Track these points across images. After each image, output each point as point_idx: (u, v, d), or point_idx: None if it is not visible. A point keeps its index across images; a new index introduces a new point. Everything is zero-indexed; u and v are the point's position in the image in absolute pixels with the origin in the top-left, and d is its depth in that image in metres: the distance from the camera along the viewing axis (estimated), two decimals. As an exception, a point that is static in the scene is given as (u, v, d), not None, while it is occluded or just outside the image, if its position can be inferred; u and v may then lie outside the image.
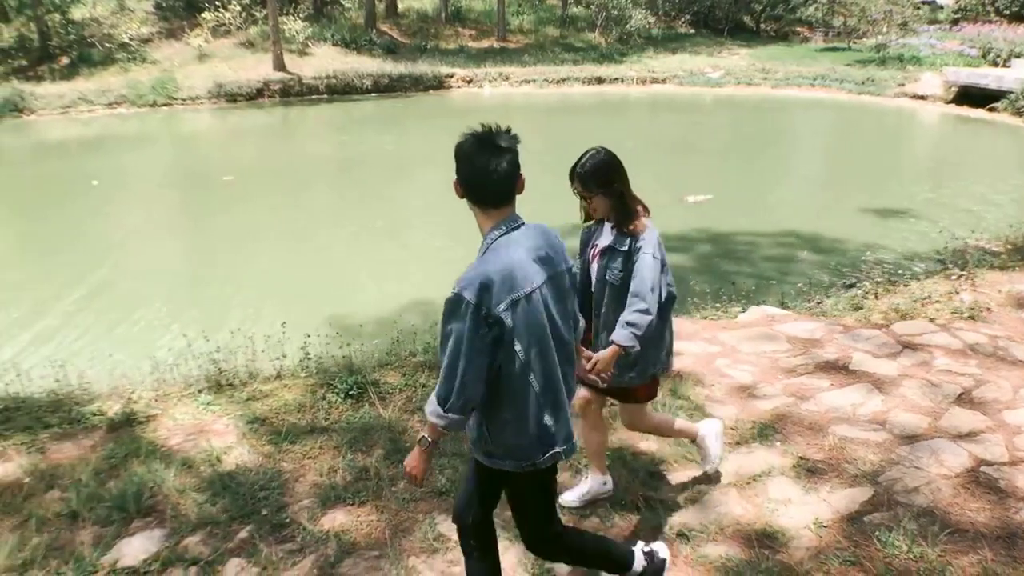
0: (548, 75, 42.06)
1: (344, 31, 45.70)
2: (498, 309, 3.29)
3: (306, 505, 5.14)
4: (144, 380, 7.48)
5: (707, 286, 10.80)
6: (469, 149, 3.39)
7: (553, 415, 3.55)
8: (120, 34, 42.98)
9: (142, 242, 16.81)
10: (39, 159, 27.92)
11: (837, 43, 49.19)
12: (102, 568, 4.59)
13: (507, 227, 3.45)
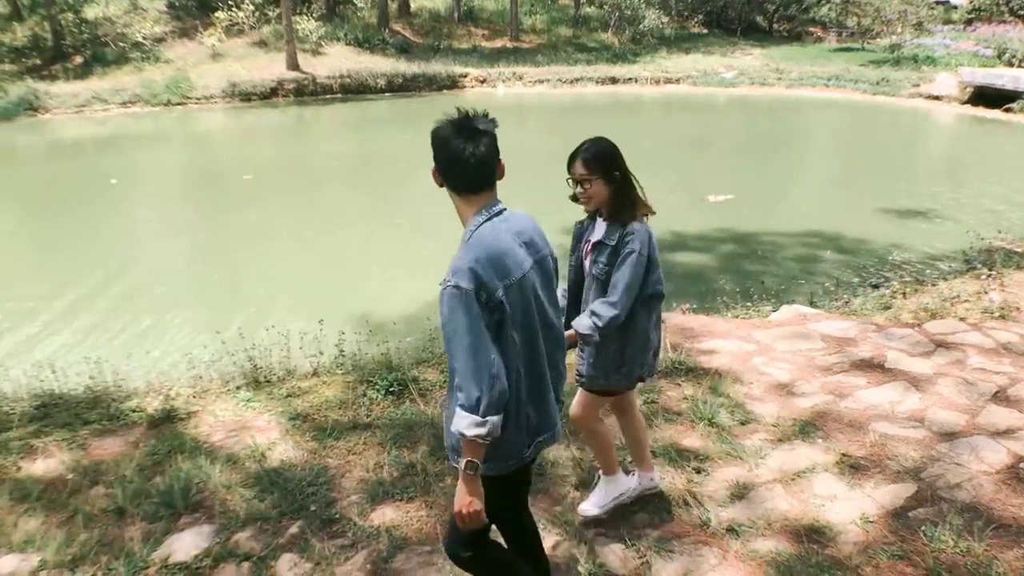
0: (562, 75, 42.07)
1: (357, 30, 45.76)
2: (498, 294, 3.18)
3: (354, 501, 5.14)
4: (180, 377, 7.49)
5: (735, 285, 10.82)
6: (445, 134, 3.28)
7: (536, 405, 3.43)
8: (134, 33, 43.09)
9: (168, 240, 16.82)
10: (56, 158, 27.97)
11: (850, 43, 49.16)
12: (153, 564, 4.58)
13: (489, 212, 3.35)
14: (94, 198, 21.06)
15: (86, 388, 7.08)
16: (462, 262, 3.17)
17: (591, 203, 4.33)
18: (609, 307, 4.16)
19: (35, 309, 12.56)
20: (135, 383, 7.45)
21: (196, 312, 12.52)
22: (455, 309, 3.11)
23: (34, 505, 5.22)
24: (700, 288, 11.67)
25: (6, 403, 6.85)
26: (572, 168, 4.29)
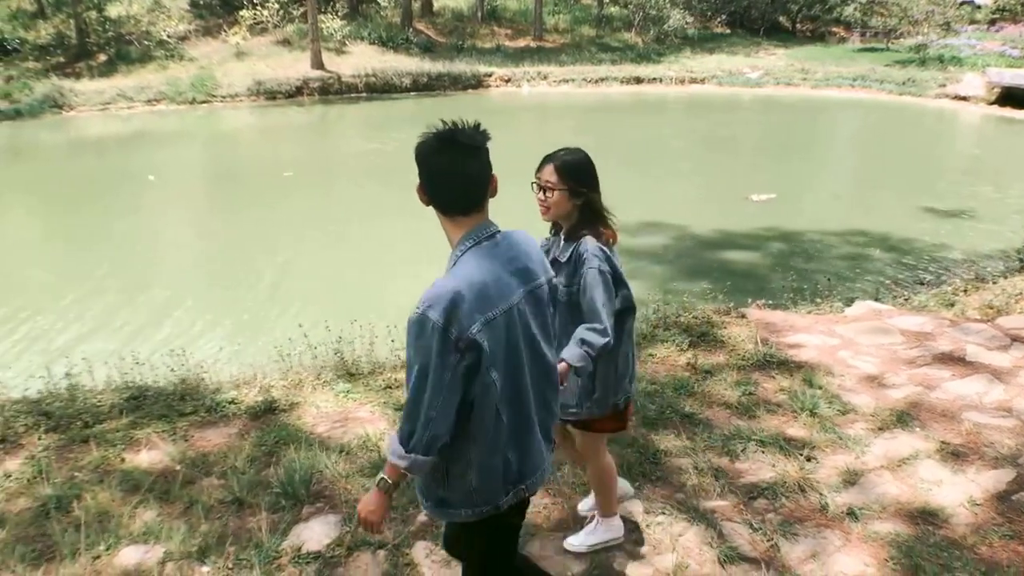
0: (586, 75, 42.06)
1: (380, 30, 45.90)
2: (471, 331, 2.89)
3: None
4: (267, 368, 7.52)
5: (790, 283, 10.83)
6: (430, 150, 3.02)
7: (519, 449, 3.17)
8: (159, 32, 43.28)
9: (222, 236, 16.91)
10: (89, 154, 28.14)
11: (875, 43, 49.11)
12: (284, 553, 4.59)
13: (478, 236, 3.07)
14: (136, 194, 21.23)
15: (177, 381, 7.10)
16: (441, 290, 2.91)
17: (549, 214, 4.10)
18: (597, 334, 3.86)
19: (105, 304, 12.75)
20: (219, 375, 7.48)
21: (269, 305, 12.67)
22: (417, 339, 2.90)
23: (146, 496, 5.22)
24: (755, 286, 11.72)
25: (93, 396, 6.86)
26: (540, 171, 4.05)
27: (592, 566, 4.50)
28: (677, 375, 6.84)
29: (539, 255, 3.28)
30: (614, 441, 5.63)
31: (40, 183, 23.25)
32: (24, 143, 30.83)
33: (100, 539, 4.73)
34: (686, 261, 14.04)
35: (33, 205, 20.86)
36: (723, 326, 7.91)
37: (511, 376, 3.06)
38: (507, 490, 3.17)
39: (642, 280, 12.04)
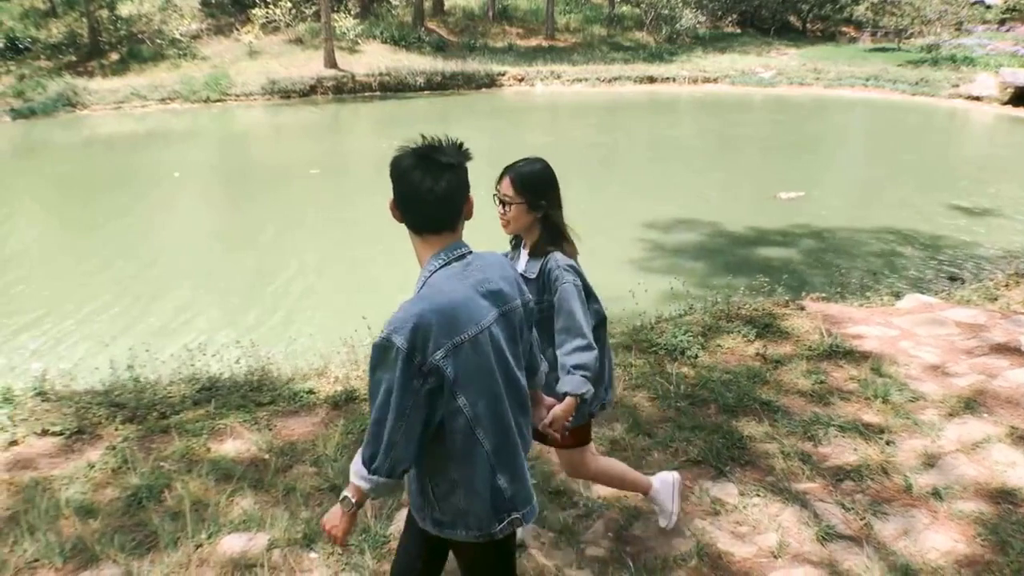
0: (599, 74, 42.17)
1: (392, 28, 45.98)
2: (435, 357, 2.80)
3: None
4: (335, 359, 7.62)
5: (837, 277, 10.94)
6: (405, 166, 2.91)
7: (508, 475, 3.05)
8: (171, 30, 43.36)
9: (263, 231, 16.99)
10: (110, 152, 28.14)
11: (885, 43, 49.18)
12: (393, 537, 4.68)
13: (447, 257, 2.98)
14: (164, 191, 21.40)
15: (247, 372, 7.20)
16: (406, 315, 2.82)
17: (509, 228, 4.00)
18: (583, 351, 3.77)
19: (150, 297, 12.98)
20: (282, 367, 7.58)
21: (333, 297, 12.96)
22: (380, 364, 2.82)
23: (240, 485, 5.31)
24: (795, 281, 11.86)
25: (163, 388, 6.96)
26: (499, 183, 3.95)
27: (698, 547, 4.60)
28: (748, 364, 6.93)
29: (513, 276, 3.16)
30: (697, 427, 5.76)
31: (65, 180, 23.41)
32: (41, 141, 30.93)
33: (200, 528, 4.81)
34: (723, 257, 14.15)
35: (62, 201, 20.97)
36: (784, 318, 8.00)
37: (487, 401, 2.94)
38: (501, 518, 3.06)
39: (682, 275, 12.13)
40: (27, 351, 10.82)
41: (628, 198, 19.44)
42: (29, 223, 18.44)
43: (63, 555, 4.59)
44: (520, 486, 3.09)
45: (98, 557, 4.59)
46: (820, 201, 18.00)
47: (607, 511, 4.90)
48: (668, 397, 6.30)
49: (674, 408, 6.14)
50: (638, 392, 6.41)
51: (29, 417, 6.29)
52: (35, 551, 4.62)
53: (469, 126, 31.52)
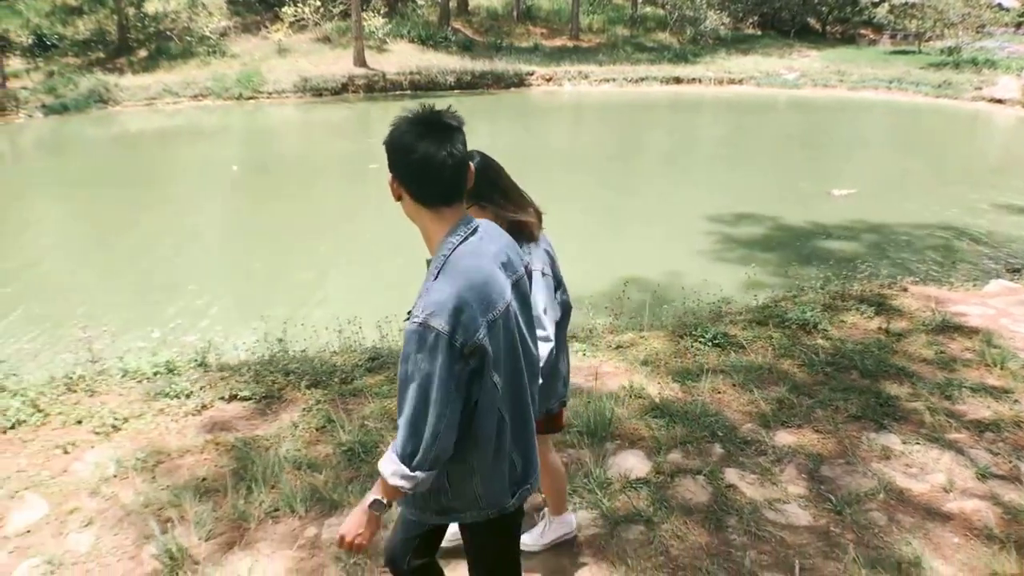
0: (626, 74, 42.88)
1: (419, 28, 46.56)
2: (478, 336, 2.70)
3: (751, 428, 5.85)
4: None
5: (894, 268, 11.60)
6: (411, 136, 2.73)
7: (523, 451, 3.05)
8: (200, 28, 43.90)
9: (360, 215, 17.82)
10: (155, 147, 28.77)
11: (905, 46, 49.68)
12: (615, 479, 5.24)
13: (465, 231, 2.83)
14: (230, 184, 22.14)
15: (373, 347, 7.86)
16: (442, 296, 2.68)
17: None
18: (541, 342, 3.67)
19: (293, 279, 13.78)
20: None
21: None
22: (419, 351, 2.67)
23: None
24: (863, 271, 12.45)
25: (327, 358, 7.54)
26: None
27: (882, 484, 5.20)
28: (873, 337, 7.59)
29: (514, 244, 3.10)
30: (847, 389, 6.42)
31: (116, 173, 24.02)
32: (80, 136, 31.50)
33: None
34: (792, 249, 14.77)
35: (121, 194, 21.44)
36: (893, 298, 8.67)
37: (511, 376, 2.92)
38: (513, 492, 3.06)
39: (760, 265, 12.91)
40: (171, 327, 11.43)
41: (687, 193, 20.25)
42: (134, 210, 19.09)
43: (304, 503, 5.08)
44: (530, 458, 3.10)
45: (338, 504, 5.09)
46: (871, 198, 18.62)
47: (795, 457, 5.52)
48: (814, 364, 6.93)
49: (822, 373, 6.78)
50: (785, 360, 7.05)
51: (213, 384, 6.85)
52: (272, 501, 5.10)
53: (510, 125, 32.33)
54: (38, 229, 17.73)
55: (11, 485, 5.38)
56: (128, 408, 6.46)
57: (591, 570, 4.40)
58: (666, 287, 10.40)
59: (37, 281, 13.85)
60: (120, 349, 8.10)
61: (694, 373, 6.78)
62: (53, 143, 30.63)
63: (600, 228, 16.97)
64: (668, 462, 5.44)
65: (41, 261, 15.09)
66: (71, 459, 5.75)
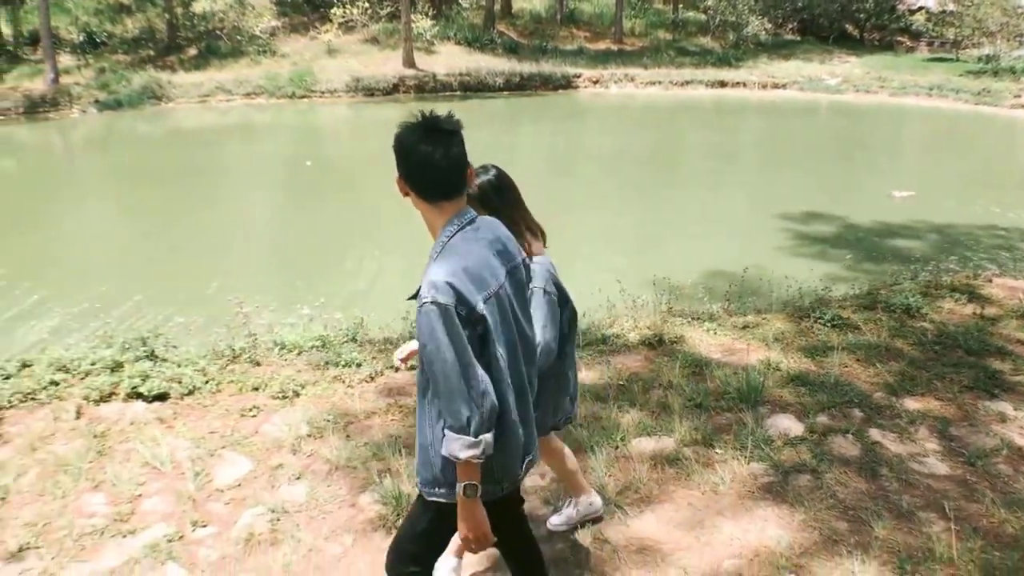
0: (671, 77, 43.56)
1: (465, 30, 47.36)
2: (478, 307, 3.02)
3: (882, 396, 6.66)
4: (612, 309, 9.12)
5: (962, 265, 12.35)
6: (413, 138, 3.09)
7: (525, 423, 3.30)
8: (251, 27, 44.83)
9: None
10: (223, 143, 29.81)
11: (943, 53, 49.96)
12: (774, 439, 5.99)
13: (461, 222, 3.17)
14: (310, 178, 23.07)
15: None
16: (438, 276, 3.01)
17: None
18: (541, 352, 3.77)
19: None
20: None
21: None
22: (435, 326, 2.95)
23: (618, 404, 6.62)
24: (939, 268, 13.19)
25: None
26: None
27: (1004, 443, 6.00)
28: (970, 321, 8.41)
29: (510, 235, 3.40)
30: (956, 364, 7.25)
31: (198, 166, 25.00)
32: (140, 132, 32.76)
33: (607, 436, 6.03)
34: (863, 246, 15.57)
35: (201, 188, 22.47)
36: (980, 288, 9.50)
37: (510, 353, 3.18)
38: (522, 462, 3.33)
39: (834, 262, 13.89)
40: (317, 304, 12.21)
41: (752, 192, 21.24)
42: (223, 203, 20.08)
43: None
44: (531, 431, 3.36)
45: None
46: (929, 200, 19.32)
47: (924, 419, 6.32)
48: (924, 343, 7.76)
49: (932, 351, 7.60)
50: (897, 339, 7.87)
51: (375, 356, 7.63)
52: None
53: (567, 125, 33.61)
54: (156, 216, 18.98)
55: (208, 445, 6.09)
56: (302, 376, 7.22)
57: (776, 511, 5.16)
58: (753, 279, 11.17)
59: (170, 260, 15.17)
60: (265, 325, 8.77)
61: (821, 349, 7.60)
62: (115, 137, 31.85)
63: (676, 224, 17.90)
64: (818, 423, 6.23)
65: (172, 245, 16.28)
66: (259, 422, 6.49)
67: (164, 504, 5.41)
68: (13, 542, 4.96)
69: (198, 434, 6.28)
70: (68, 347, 7.98)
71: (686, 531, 4.96)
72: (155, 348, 7.65)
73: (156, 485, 5.63)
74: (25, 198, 21.31)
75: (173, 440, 6.17)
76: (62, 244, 16.73)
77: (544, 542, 4.83)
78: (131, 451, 6.03)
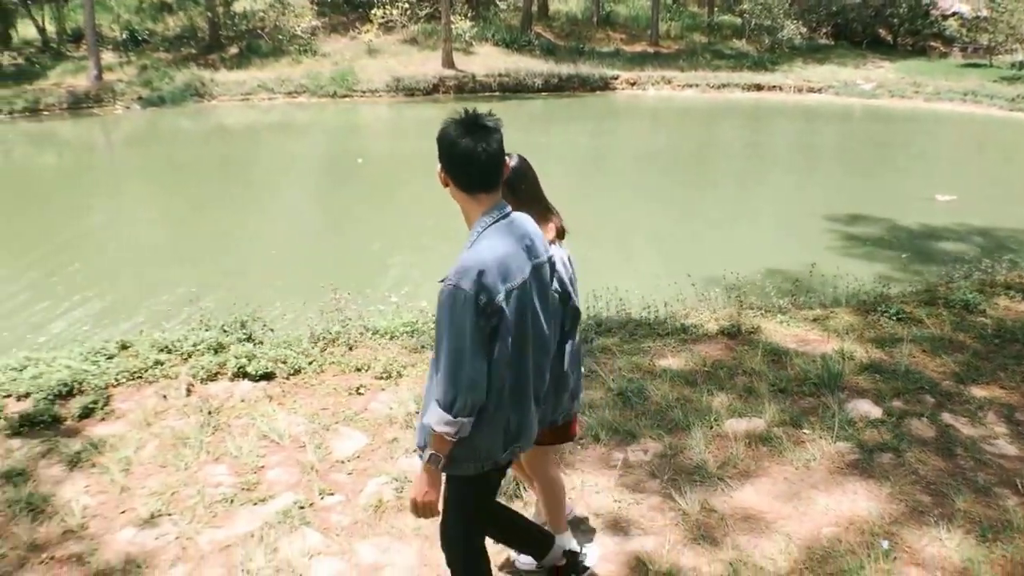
0: (708, 80, 43.99)
1: (503, 31, 47.99)
2: (498, 299, 3.22)
3: (950, 384, 7.14)
4: (683, 302, 9.69)
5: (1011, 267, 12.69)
6: (455, 133, 3.29)
7: (519, 412, 3.52)
8: (292, 27, 45.52)
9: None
10: (270, 140, 30.59)
11: (976, 59, 50.09)
12: (856, 420, 6.48)
13: (497, 214, 3.38)
14: (364, 175, 23.80)
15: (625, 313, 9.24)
16: (468, 263, 3.22)
17: None
18: None
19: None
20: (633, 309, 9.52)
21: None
22: (451, 309, 3.20)
23: (707, 387, 7.11)
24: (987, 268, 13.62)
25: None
26: None
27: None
28: (1027, 317, 8.93)
29: (539, 233, 3.59)
30: (1017, 356, 7.74)
31: (248, 163, 25.84)
32: (188, 128, 33.55)
33: (700, 417, 6.51)
34: (910, 247, 16.04)
35: (270, 183, 23.19)
36: (1036, 286, 9.99)
37: (517, 344, 3.39)
38: (506, 447, 3.54)
39: (883, 262, 14.42)
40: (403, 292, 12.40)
41: (797, 194, 21.85)
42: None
43: (609, 432, 6.33)
44: (524, 423, 3.58)
45: (637, 435, 6.27)
46: (972, 204, 19.70)
47: (991, 405, 6.78)
48: (985, 337, 8.23)
49: (993, 344, 8.08)
50: (959, 333, 8.33)
51: None
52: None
53: (608, 126, 34.07)
54: (223, 210, 19.88)
55: (322, 420, 6.60)
56: (401, 359, 7.75)
57: (864, 485, 5.64)
58: (807, 276, 11.63)
59: (250, 251, 16.02)
60: (354, 312, 9.21)
61: (889, 341, 8.09)
62: (162, 133, 32.67)
63: (724, 224, 18.47)
64: (894, 407, 6.71)
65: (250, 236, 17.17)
66: (366, 400, 6.98)
67: (288, 475, 5.91)
68: (144, 509, 5.44)
69: (310, 411, 6.80)
70: (164, 330, 8.64)
71: (784, 502, 5.46)
72: (253, 332, 8.28)
73: (276, 457, 6.13)
74: (91, 190, 22.38)
75: (287, 416, 6.70)
76: (141, 233, 17.69)
77: (654, 511, 5.38)
78: (247, 426, 6.56)
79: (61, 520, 5.28)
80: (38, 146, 31.15)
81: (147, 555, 4.98)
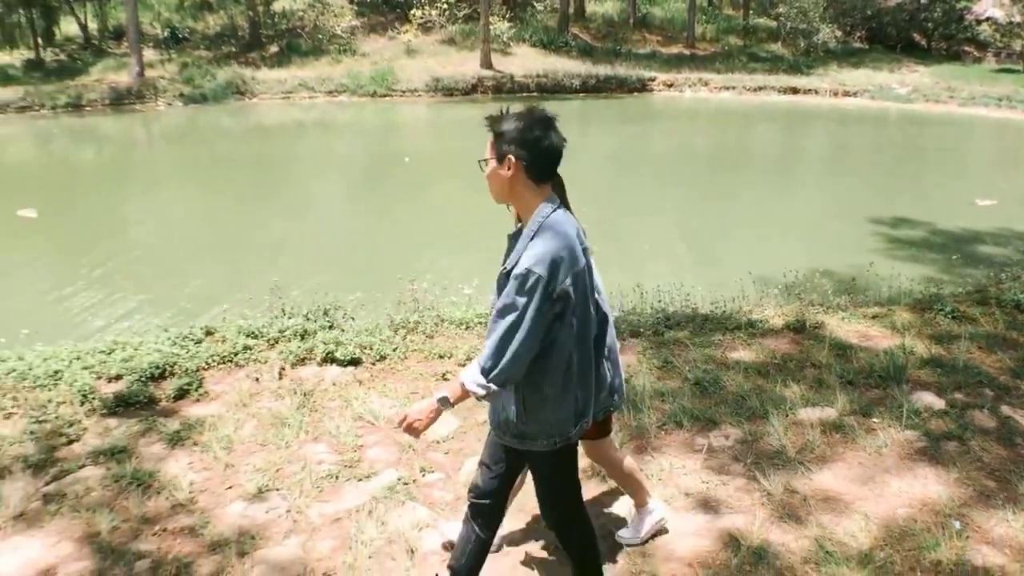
0: (744, 83, 44.26)
1: (540, 32, 48.36)
2: (566, 283, 3.39)
3: (1007, 378, 7.54)
4: (741, 298, 10.11)
5: None
6: (540, 128, 3.47)
7: (584, 389, 3.71)
8: (332, 26, 46.11)
9: (595, 199, 19.06)
10: (306, 136, 31.20)
11: (1010, 64, 50.07)
12: (922, 411, 6.85)
13: (554, 203, 3.55)
14: (412, 173, 24.21)
15: (692, 308, 9.68)
16: (543, 250, 3.38)
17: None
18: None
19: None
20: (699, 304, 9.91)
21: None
22: (519, 290, 3.36)
23: (781, 377, 7.51)
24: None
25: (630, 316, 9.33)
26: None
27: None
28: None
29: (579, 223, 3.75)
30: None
31: (296, 160, 26.03)
32: (230, 125, 34.06)
33: (775, 405, 6.90)
34: (954, 250, 16.34)
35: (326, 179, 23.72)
36: (1085, 289, 10.34)
37: (582, 323, 3.59)
38: (576, 422, 3.73)
39: (928, 265, 14.78)
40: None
41: (840, 196, 22.18)
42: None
43: (690, 418, 6.76)
44: (589, 398, 3.78)
45: (717, 422, 6.61)
46: (1013, 209, 20.00)
47: (1043, 404, 7.26)
48: (1041, 335, 8.71)
49: (1048, 341, 8.54)
50: (1012, 331, 8.72)
51: None
52: (658, 419, 6.66)
53: (648, 127, 34.50)
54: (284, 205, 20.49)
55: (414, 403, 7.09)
56: (482, 347, 8.21)
57: (933, 471, 6.04)
58: (863, 276, 11.98)
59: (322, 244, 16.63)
60: (429, 302, 9.59)
61: (947, 337, 8.49)
62: (206, 129, 33.26)
63: (770, 225, 18.81)
64: (956, 399, 7.11)
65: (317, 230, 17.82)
66: None
67: (387, 454, 6.33)
68: (251, 485, 5.82)
69: (400, 394, 7.21)
70: (247, 317, 9.01)
71: (860, 485, 5.87)
72: (335, 320, 8.74)
73: (373, 437, 6.56)
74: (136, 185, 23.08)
75: (378, 399, 7.17)
76: (195, 228, 18.29)
77: (740, 491, 5.81)
78: (342, 407, 6.99)
79: (169, 494, 5.58)
80: (81, 141, 31.76)
81: (259, 527, 5.28)
